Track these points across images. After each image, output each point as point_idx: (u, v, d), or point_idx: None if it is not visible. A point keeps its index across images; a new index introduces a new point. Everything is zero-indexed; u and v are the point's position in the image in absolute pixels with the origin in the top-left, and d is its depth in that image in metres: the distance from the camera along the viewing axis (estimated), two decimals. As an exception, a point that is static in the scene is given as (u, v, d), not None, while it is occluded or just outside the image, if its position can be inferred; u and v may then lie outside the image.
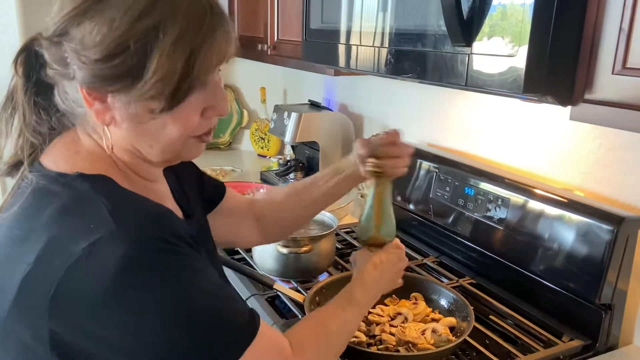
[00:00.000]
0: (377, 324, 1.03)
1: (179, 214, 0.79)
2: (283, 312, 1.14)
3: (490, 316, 1.12)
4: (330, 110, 2.01)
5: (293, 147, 2.16)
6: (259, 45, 1.87)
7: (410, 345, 0.96)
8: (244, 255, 1.38)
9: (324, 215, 1.37)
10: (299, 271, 1.25)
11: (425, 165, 1.44)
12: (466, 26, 0.84)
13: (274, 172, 2.07)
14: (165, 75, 0.61)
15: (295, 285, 1.23)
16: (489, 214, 1.22)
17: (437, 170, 1.39)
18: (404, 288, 1.13)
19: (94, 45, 0.61)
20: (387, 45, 1.08)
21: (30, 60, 0.68)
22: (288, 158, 2.09)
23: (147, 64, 0.61)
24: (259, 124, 2.51)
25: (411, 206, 1.48)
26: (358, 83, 1.96)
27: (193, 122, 0.67)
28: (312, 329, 0.77)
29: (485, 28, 0.82)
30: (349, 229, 1.56)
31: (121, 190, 0.66)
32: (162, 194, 0.78)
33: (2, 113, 0.70)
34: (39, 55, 0.67)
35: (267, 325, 0.68)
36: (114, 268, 0.56)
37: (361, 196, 1.84)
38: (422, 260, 1.36)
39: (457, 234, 1.32)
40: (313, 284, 1.17)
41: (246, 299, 1.17)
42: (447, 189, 1.35)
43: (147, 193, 0.68)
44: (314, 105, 2.05)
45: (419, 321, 1.05)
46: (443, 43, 0.92)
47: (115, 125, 0.66)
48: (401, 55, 1.05)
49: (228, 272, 1.17)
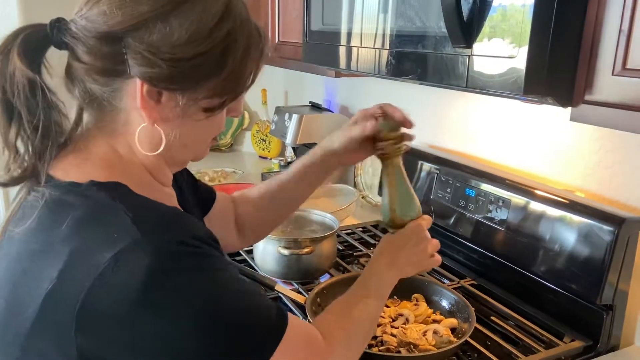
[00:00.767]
0: (379, 325, 1.03)
1: None
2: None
3: (492, 317, 1.12)
4: (331, 111, 2.01)
5: (294, 149, 2.16)
6: (260, 47, 1.87)
7: (411, 346, 0.96)
8: (245, 257, 1.38)
9: (325, 216, 1.37)
10: (300, 272, 1.25)
11: (426, 166, 1.44)
12: (466, 27, 0.84)
13: (275, 174, 2.07)
14: (235, 77, 0.66)
15: (297, 286, 1.23)
16: (490, 215, 1.22)
17: (438, 172, 1.39)
18: (405, 289, 1.13)
19: (180, 44, 0.61)
20: (388, 47, 1.08)
21: (38, 53, 0.63)
22: (289, 159, 2.09)
23: (225, 64, 0.64)
24: (260, 125, 2.52)
25: (412, 207, 1.48)
26: (359, 84, 1.96)
27: (223, 123, 0.72)
28: (337, 318, 0.77)
29: (485, 29, 0.83)
30: (350, 231, 1.56)
31: (137, 196, 0.64)
32: (173, 198, 0.78)
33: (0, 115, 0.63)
34: (43, 45, 0.63)
35: (295, 316, 0.68)
36: (142, 276, 0.55)
37: (362, 197, 1.84)
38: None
39: (458, 235, 1.32)
40: (314, 285, 1.17)
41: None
42: (448, 190, 1.35)
43: (162, 197, 0.67)
44: (315, 106, 2.05)
45: (420, 322, 1.05)
46: (443, 44, 0.92)
47: (162, 124, 0.65)
48: (402, 56, 1.05)
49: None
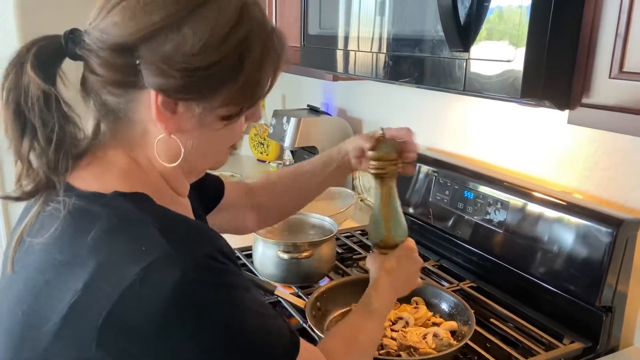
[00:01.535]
0: None
1: None
2: (284, 318, 1.14)
3: (491, 319, 1.12)
4: (329, 115, 2.02)
5: (292, 152, 2.16)
6: (258, 51, 1.87)
7: (411, 349, 0.96)
8: (245, 261, 1.38)
9: (324, 220, 1.37)
10: (300, 276, 1.25)
11: (425, 169, 1.44)
12: (463, 31, 0.84)
13: (274, 177, 2.07)
14: (252, 83, 0.64)
15: (296, 290, 1.23)
16: (488, 217, 1.22)
17: (437, 174, 1.40)
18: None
19: (194, 53, 0.59)
20: (385, 51, 1.08)
21: (53, 65, 0.62)
22: (287, 163, 2.10)
23: (241, 71, 0.62)
24: (258, 129, 2.52)
25: (411, 210, 1.48)
26: (356, 88, 1.97)
27: (242, 130, 0.71)
28: (344, 345, 0.77)
29: (482, 33, 0.83)
30: (349, 234, 1.56)
31: (160, 208, 0.62)
32: (189, 208, 0.76)
33: (12, 129, 0.61)
34: (58, 57, 0.62)
35: (304, 340, 0.67)
36: (171, 292, 0.53)
37: (361, 200, 1.84)
38: (423, 264, 1.36)
39: (457, 237, 1.32)
40: (314, 289, 1.17)
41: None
42: (447, 192, 1.35)
43: (179, 209, 0.66)
44: (313, 110, 2.05)
45: (420, 325, 1.05)
46: (441, 48, 0.92)
47: (177, 135, 0.64)
48: (399, 60, 1.05)
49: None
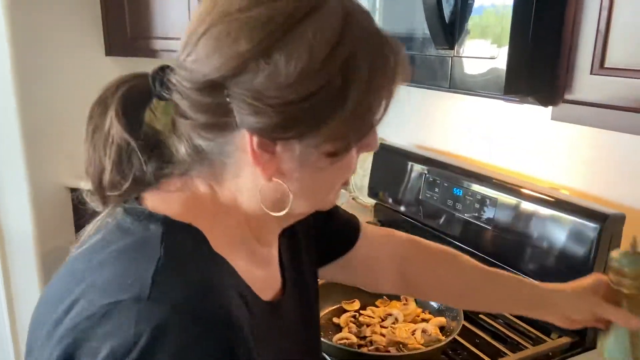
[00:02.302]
0: (368, 325, 1.04)
1: (277, 284, 0.65)
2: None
3: (480, 315, 1.13)
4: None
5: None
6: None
7: (400, 345, 0.97)
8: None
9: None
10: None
11: (415, 167, 1.45)
12: (448, 29, 0.86)
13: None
14: (362, 111, 0.53)
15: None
16: (477, 214, 1.23)
17: (427, 172, 1.40)
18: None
19: (290, 83, 0.49)
20: (373, 49, 1.09)
21: (139, 109, 0.56)
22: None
23: (347, 98, 0.51)
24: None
25: (402, 208, 1.49)
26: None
27: (354, 163, 0.58)
28: None
29: (466, 31, 0.84)
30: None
31: (198, 247, 0.54)
32: (268, 259, 0.64)
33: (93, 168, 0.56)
34: (145, 100, 0.56)
35: None
36: (119, 344, 0.46)
37: (353, 199, 1.85)
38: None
39: (447, 234, 1.33)
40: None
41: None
42: (437, 190, 1.36)
43: (252, 259, 0.59)
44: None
45: (410, 322, 1.06)
46: (428, 46, 0.93)
47: (281, 177, 0.54)
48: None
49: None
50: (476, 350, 1.00)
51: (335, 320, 1.08)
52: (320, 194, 0.59)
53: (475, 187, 1.25)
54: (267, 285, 0.62)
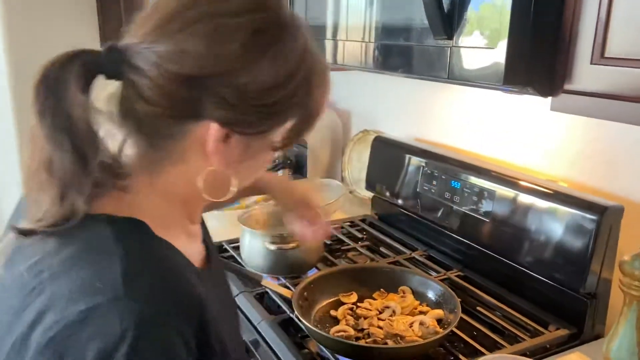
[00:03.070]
0: (365, 318, 1.03)
1: (202, 254, 0.70)
2: (272, 309, 1.14)
3: (478, 307, 1.13)
4: (318, 107, 2.01)
5: (282, 145, 2.16)
6: (245, 43, 1.86)
7: (398, 337, 0.96)
8: (232, 253, 1.38)
9: (312, 211, 1.37)
10: (288, 267, 1.25)
11: (413, 160, 1.44)
12: (447, 19, 0.84)
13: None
14: (314, 114, 0.62)
15: (284, 281, 1.23)
16: (475, 207, 1.23)
17: (424, 165, 1.40)
18: (392, 282, 1.13)
19: (268, 87, 0.55)
20: (374, 40, 1.08)
21: (89, 83, 0.55)
22: (277, 160, 2.09)
23: (307, 104, 0.60)
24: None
25: (400, 201, 1.48)
26: (344, 80, 1.96)
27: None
28: None
29: (465, 20, 0.83)
30: (338, 225, 1.56)
31: (149, 239, 0.57)
32: (196, 234, 0.70)
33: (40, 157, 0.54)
34: (94, 75, 0.55)
35: None
36: (106, 344, 0.47)
37: (350, 192, 1.84)
38: (411, 254, 1.36)
39: (445, 227, 1.32)
40: (302, 279, 1.17)
41: (235, 296, 1.17)
42: (434, 183, 1.36)
43: (185, 239, 0.63)
44: (302, 102, 2.04)
45: (407, 314, 1.05)
46: (426, 36, 0.92)
47: (227, 167, 0.59)
48: (387, 49, 1.05)
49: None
50: (473, 342, 0.99)
51: (332, 312, 1.07)
52: (250, 179, 0.66)
53: (473, 180, 1.24)
54: (200, 257, 0.68)
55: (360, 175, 1.83)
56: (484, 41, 0.80)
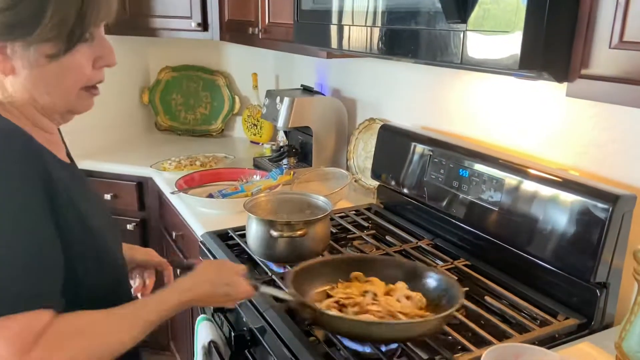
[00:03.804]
0: (354, 305, 0.98)
1: (65, 159, 0.85)
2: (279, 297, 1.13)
3: (486, 297, 1.12)
4: (323, 94, 1.99)
5: (286, 133, 2.14)
6: (250, 29, 1.84)
7: (399, 314, 0.94)
8: (238, 240, 1.37)
9: (318, 199, 1.36)
10: (294, 255, 1.24)
11: (420, 148, 1.43)
12: (461, 2, 0.83)
13: (267, 159, 2.05)
14: (62, 19, 0.71)
15: (290, 268, 1.22)
16: (483, 195, 1.21)
17: (432, 153, 1.38)
18: (343, 270, 1.09)
19: None
20: (380, 25, 1.06)
21: None
22: (281, 144, 2.08)
23: (46, 8, 0.70)
24: (251, 110, 2.49)
25: (405, 190, 1.47)
26: (350, 67, 1.94)
27: (86, 72, 0.77)
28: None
29: (480, 4, 0.81)
30: (343, 214, 1.55)
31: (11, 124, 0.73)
32: (58, 145, 0.84)
33: None
34: None
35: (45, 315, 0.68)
36: None
37: (355, 180, 1.83)
38: (417, 243, 1.35)
39: (452, 216, 1.31)
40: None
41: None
42: (442, 171, 1.34)
43: (38, 138, 0.74)
44: (307, 90, 2.03)
45: (385, 294, 1.01)
46: (437, 20, 0.91)
47: (14, 75, 0.74)
48: (395, 34, 1.03)
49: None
50: (482, 331, 0.98)
51: (318, 305, 0.98)
52: (60, 92, 0.77)
53: (481, 168, 1.23)
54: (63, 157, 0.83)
55: (366, 163, 1.81)
56: (499, 25, 0.78)
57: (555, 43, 0.77)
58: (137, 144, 2.48)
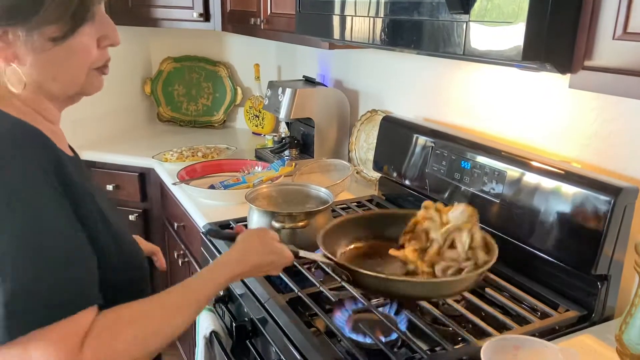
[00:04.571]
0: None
1: (69, 152, 0.81)
2: (280, 287, 1.14)
3: (486, 288, 1.12)
4: (325, 86, 1.99)
5: (288, 125, 2.14)
6: (252, 20, 1.83)
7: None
8: (240, 231, 1.37)
9: (320, 191, 1.36)
10: (296, 246, 1.24)
11: (422, 140, 1.43)
12: (464, -8, 0.82)
13: (269, 150, 2.05)
14: (63, 0, 0.68)
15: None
16: (485, 187, 1.21)
17: (434, 145, 1.38)
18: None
19: None
20: (383, 15, 1.06)
21: None
22: (283, 135, 2.07)
23: None
24: (253, 101, 2.48)
25: (407, 182, 1.47)
26: (353, 58, 1.93)
27: (92, 53, 0.74)
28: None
29: (483, -6, 0.80)
30: (345, 205, 1.55)
31: (5, 115, 0.70)
32: (61, 136, 0.81)
33: None
34: None
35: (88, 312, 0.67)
36: None
37: (357, 172, 1.83)
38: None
39: (454, 208, 1.31)
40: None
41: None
42: (443, 163, 1.34)
43: (44, 130, 0.71)
44: (309, 81, 2.02)
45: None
46: (440, 11, 0.90)
47: (19, 62, 0.70)
48: (397, 25, 1.03)
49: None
50: (482, 323, 0.99)
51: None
52: (68, 76, 0.74)
53: (483, 160, 1.23)
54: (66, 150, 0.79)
55: (368, 155, 1.81)
56: (502, 15, 0.77)
57: (558, 34, 0.76)
58: (139, 135, 2.48)
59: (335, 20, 1.23)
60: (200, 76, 2.64)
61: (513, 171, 1.15)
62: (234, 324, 1.13)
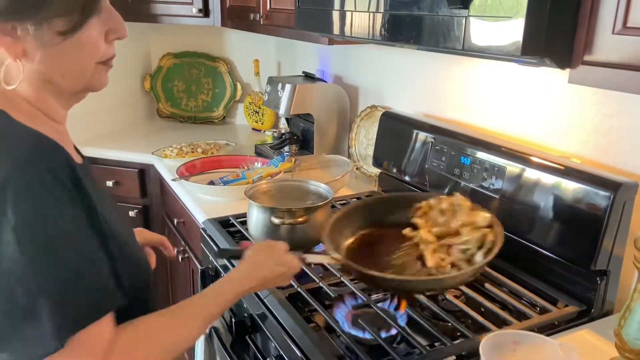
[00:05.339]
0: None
1: (77, 159, 0.79)
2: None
3: (486, 284, 1.12)
4: (324, 81, 1.98)
5: (287, 120, 2.14)
6: (251, 15, 1.83)
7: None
8: (240, 227, 1.37)
9: (319, 186, 1.36)
10: (295, 242, 1.22)
11: (421, 135, 1.42)
12: (463, -13, 0.82)
13: (269, 146, 2.05)
14: None
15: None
16: (485, 183, 1.21)
17: (433, 141, 1.38)
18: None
19: None
20: (382, 10, 1.05)
21: None
22: (283, 131, 2.07)
23: None
24: (252, 97, 2.48)
25: (407, 177, 1.47)
26: (352, 53, 1.93)
27: (100, 47, 0.73)
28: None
29: (483, -11, 0.80)
30: (344, 201, 1.55)
31: (13, 122, 0.69)
32: (67, 137, 0.80)
33: None
34: None
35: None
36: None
37: (356, 168, 1.83)
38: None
39: (453, 203, 1.31)
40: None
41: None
42: (443, 159, 1.34)
43: (52, 134, 0.71)
44: (308, 76, 2.02)
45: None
46: (439, 6, 0.90)
47: (27, 57, 0.69)
48: (397, 20, 1.02)
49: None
50: (482, 319, 0.99)
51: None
52: (76, 71, 0.72)
53: (483, 156, 1.22)
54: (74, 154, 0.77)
55: (367, 151, 1.81)
56: (502, 10, 0.77)
57: (558, 29, 0.76)
58: (139, 131, 2.48)
59: (335, 16, 1.22)
60: (199, 72, 2.63)
61: (513, 167, 1.15)
62: (234, 320, 1.13)
